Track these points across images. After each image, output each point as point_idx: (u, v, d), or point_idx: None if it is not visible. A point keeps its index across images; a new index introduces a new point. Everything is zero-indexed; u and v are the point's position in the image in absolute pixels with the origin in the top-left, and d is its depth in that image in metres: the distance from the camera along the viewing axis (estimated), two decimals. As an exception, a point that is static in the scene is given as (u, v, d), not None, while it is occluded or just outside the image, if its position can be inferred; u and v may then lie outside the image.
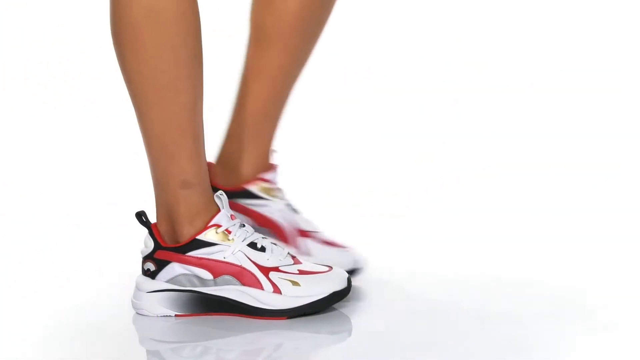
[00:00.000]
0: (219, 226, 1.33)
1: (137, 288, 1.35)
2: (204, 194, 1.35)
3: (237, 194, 1.45)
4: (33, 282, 1.61)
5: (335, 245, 1.45)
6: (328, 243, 1.45)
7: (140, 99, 1.31)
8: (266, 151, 1.49)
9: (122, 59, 1.31)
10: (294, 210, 1.47)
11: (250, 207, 1.45)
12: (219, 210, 1.34)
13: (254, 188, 1.45)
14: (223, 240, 1.33)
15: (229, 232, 1.33)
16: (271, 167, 1.47)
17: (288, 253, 1.35)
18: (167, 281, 1.34)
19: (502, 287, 1.46)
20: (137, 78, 1.30)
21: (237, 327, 1.28)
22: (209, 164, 1.46)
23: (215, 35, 1.62)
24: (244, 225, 1.35)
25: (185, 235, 1.34)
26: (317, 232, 1.46)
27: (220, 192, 1.36)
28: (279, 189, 1.47)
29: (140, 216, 1.36)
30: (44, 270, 1.69)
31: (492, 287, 1.45)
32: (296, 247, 1.43)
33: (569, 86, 2.66)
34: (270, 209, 1.44)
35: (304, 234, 1.44)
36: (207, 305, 1.33)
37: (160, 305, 1.33)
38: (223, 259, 1.32)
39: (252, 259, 1.32)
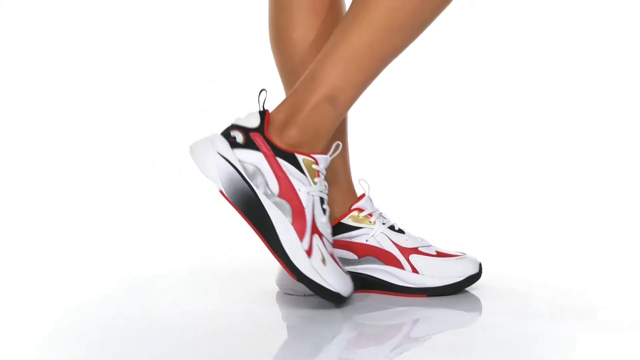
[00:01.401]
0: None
1: (211, 141, 1.30)
2: (334, 123, 1.33)
3: (335, 230, 1.44)
4: (33, 282, 1.62)
5: (451, 255, 1.44)
6: (443, 254, 1.44)
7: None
8: (348, 184, 1.48)
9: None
10: (398, 231, 1.45)
11: (349, 239, 1.44)
12: (328, 147, 1.35)
13: (348, 220, 1.44)
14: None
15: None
16: (361, 196, 1.46)
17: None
18: (241, 160, 1.29)
19: (502, 288, 1.46)
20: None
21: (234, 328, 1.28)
22: None
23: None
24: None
25: (285, 138, 1.30)
26: (427, 246, 1.45)
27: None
28: (377, 214, 1.45)
29: (260, 93, 1.32)
30: (44, 271, 1.69)
31: (493, 287, 1.45)
32: (405, 266, 1.42)
33: (568, 86, 2.67)
34: (369, 236, 1.44)
35: (412, 251, 1.43)
36: None
37: (216, 173, 1.28)
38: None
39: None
